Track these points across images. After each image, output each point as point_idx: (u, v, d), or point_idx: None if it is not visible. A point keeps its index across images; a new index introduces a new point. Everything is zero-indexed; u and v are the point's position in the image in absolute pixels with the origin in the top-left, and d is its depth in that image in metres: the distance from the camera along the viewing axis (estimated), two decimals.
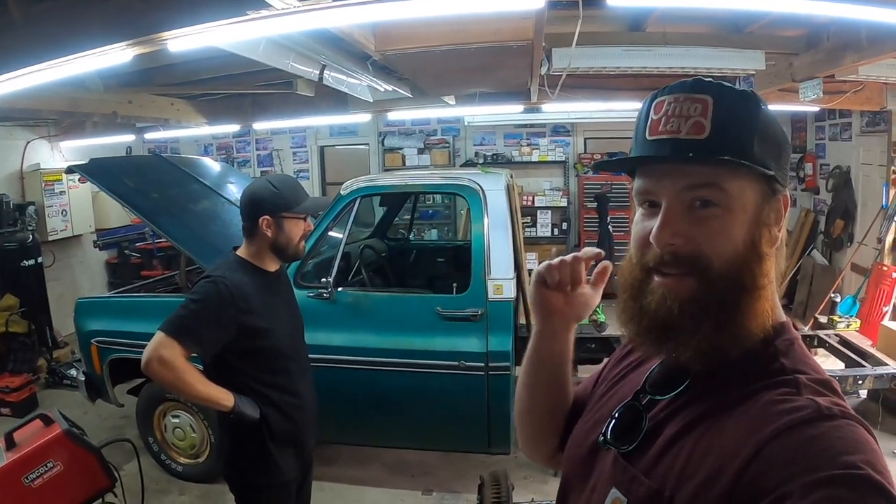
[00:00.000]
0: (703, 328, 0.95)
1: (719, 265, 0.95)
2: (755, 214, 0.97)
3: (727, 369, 0.97)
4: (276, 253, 2.72)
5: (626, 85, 6.35)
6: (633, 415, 1.06)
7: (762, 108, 1.00)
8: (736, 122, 0.97)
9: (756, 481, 0.81)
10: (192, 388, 2.49)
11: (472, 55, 3.57)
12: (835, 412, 0.85)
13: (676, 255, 0.97)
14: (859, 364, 5.15)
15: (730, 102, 0.98)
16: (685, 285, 0.97)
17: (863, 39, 4.03)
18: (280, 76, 5.40)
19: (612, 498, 1.01)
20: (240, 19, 2.33)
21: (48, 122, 8.24)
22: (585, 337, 5.76)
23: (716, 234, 0.96)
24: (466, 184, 4.41)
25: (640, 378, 1.12)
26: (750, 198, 0.97)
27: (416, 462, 5.06)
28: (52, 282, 8.10)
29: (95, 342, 4.75)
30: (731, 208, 0.96)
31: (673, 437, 0.97)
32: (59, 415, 3.28)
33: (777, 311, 1.02)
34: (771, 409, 0.87)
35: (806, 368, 0.94)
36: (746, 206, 0.97)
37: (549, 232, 10.30)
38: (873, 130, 7.09)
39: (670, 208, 0.98)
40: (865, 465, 0.77)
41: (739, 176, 0.96)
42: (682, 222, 0.97)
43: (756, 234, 0.97)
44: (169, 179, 5.66)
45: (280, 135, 11.03)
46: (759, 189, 0.98)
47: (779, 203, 1.00)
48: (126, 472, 3.74)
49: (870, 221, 6.91)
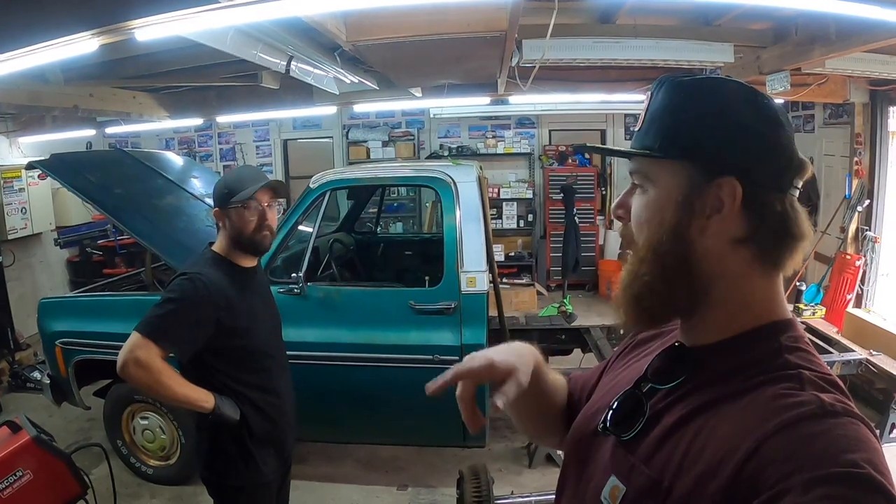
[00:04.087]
0: (644, 301, 1.01)
1: (640, 244, 1.03)
2: (682, 201, 0.98)
3: (728, 361, 0.97)
4: (236, 246, 2.65)
5: (592, 77, 6.38)
6: (633, 403, 1.06)
7: (713, 95, 1.00)
8: (664, 113, 1.02)
9: (756, 476, 0.80)
10: (169, 391, 2.43)
11: (444, 46, 3.53)
12: (838, 409, 0.84)
13: (623, 229, 1.09)
14: (826, 351, 5.25)
15: (666, 94, 1.03)
16: (630, 258, 1.05)
17: (831, 33, 4.08)
18: (245, 68, 5.33)
19: (612, 486, 1.01)
20: (210, 7, 2.27)
21: (6, 116, 8.03)
22: (555, 328, 5.78)
23: (639, 215, 1.04)
24: (438, 176, 4.39)
25: (643, 366, 1.11)
26: (674, 184, 0.99)
27: (389, 457, 5.05)
28: (13, 282, 7.92)
29: (60, 343, 4.64)
30: (654, 193, 1.02)
31: (673, 426, 0.96)
32: (27, 421, 3.18)
33: (778, 306, 1.01)
34: (773, 403, 0.86)
35: (810, 365, 0.93)
36: (671, 192, 1.00)
37: (514, 224, 10.32)
38: (836, 122, 7.20)
39: (628, 188, 1.09)
40: (866, 463, 0.76)
41: (664, 164, 1.00)
42: (628, 199, 1.08)
43: (682, 221, 0.98)
44: (132, 175, 5.54)
45: (243, 128, 10.87)
46: (686, 176, 0.98)
47: (716, 190, 0.96)
48: (95, 476, 3.66)
49: (833, 211, 7.02)
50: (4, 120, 8.26)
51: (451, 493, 3.68)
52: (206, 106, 7.28)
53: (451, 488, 3.65)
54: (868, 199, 6.48)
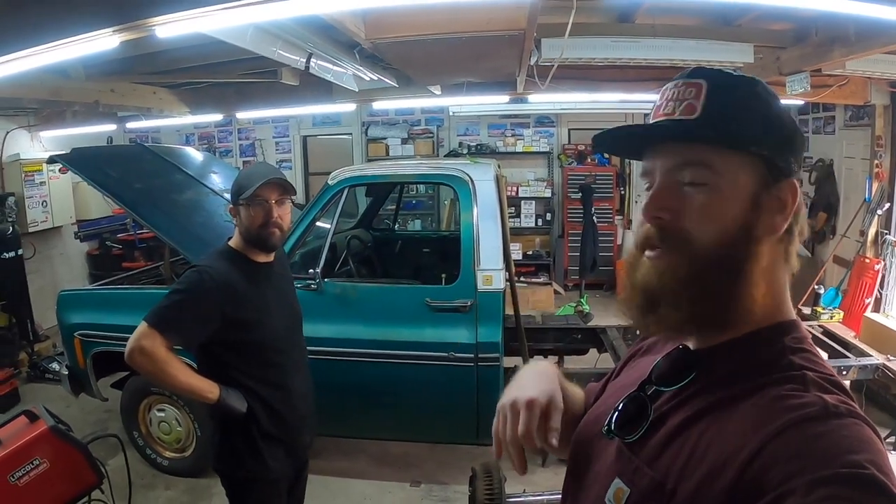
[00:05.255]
0: (683, 305, 0.97)
1: (703, 243, 0.96)
2: (751, 197, 0.96)
3: (733, 363, 0.97)
4: (247, 241, 2.67)
5: (611, 76, 6.35)
6: (637, 405, 1.06)
7: (763, 93, 1.00)
8: (729, 105, 0.98)
9: (760, 477, 0.80)
10: (173, 379, 2.49)
11: (463, 44, 3.54)
12: (842, 410, 0.84)
13: (663, 230, 0.99)
14: (843, 355, 5.18)
15: (725, 86, 0.99)
16: (669, 260, 0.98)
17: (851, 34, 4.05)
18: (264, 65, 5.36)
19: (616, 488, 1.00)
20: (230, 5, 2.29)
21: (28, 111, 8.11)
22: (571, 327, 5.78)
23: (701, 211, 0.97)
24: (456, 174, 4.39)
25: (647, 369, 1.11)
26: (744, 180, 0.96)
27: (402, 454, 5.06)
28: (33, 274, 7.98)
29: (78, 335, 4.69)
30: (720, 188, 0.96)
31: (677, 429, 0.96)
32: (45, 411, 3.21)
33: (784, 307, 1.01)
34: (777, 404, 0.86)
35: (815, 366, 0.93)
36: (739, 188, 0.96)
37: (533, 223, 10.33)
38: (857, 124, 7.15)
39: (661, 184, 1.01)
40: (870, 464, 0.76)
41: (732, 156, 0.96)
42: (670, 198, 0.99)
43: (751, 218, 0.96)
44: (152, 169, 5.59)
45: (262, 124, 10.94)
46: (757, 172, 0.97)
47: (782, 190, 0.97)
48: (111, 466, 3.69)
49: (852, 214, 6.96)
50: (26, 114, 8.34)
51: (463, 491, 3.68)
52: (225, 102, 7.33)
53: (464, 485, 3.65)
54: (888, 202, 6.41)
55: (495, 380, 4.12)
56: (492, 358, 4.12)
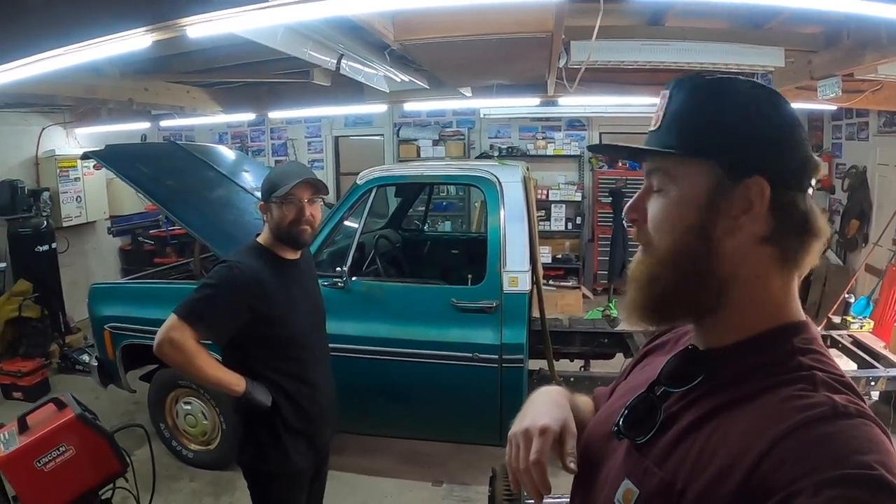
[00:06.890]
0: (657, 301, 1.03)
1: (660, 246, 1.02)
2: (707, 201, 0.98)
3: (742, 363, 0.97)
4: (277, 238, 2.72)
5: (641, 80, 6.32)
6: (647, 406, 1.06)
7: (733, 94, 1.01)
8: (687, 112, 1.02)
9: (768, 477, 0.80)
10: (201, 371, 2.53)
11: (491, 46, 3.55)
12: (851, 410, 0.84)
13: (638, 232, 1.07)
14: (872, 365, 5.12)
15: (687, 94, 1.03)
16: (642, 258, 1.06)
17: (882, 38, 3.99)
18: (296, 65, 5.40)
19: (625, 489, 1.01)
20: (261, 6, 2.32)
21: (63, 108, 8.25)
22: (598, 332, 5.76)
23: (658, 216, 1.03)
24: (483, 175, 4.40)
25: (656, 370, 1.11)
26: (699, 184, 0.99)
27: (426, 453, 5.06)
28: (66, 268, 8.14)
29: (109, 328, 4.77)
30: (673, 194, 1.01)
31: (686, 429, 0.97)
32: (73, 399, 3.26)
33: (789, 307, 1.01)
34: (786, 405, 0.86)
35: (824, 366, 0.93)
36: (693, 192, 0.99)
37: (562, 226, 10.30)
38: (891, 131, 7.04)
39: (641, 190, 1.08)
40: (879, 465, 0.76)
41: (687, 162, 1.00)
42: (640, 203, 1.07)
43: (707, 221, 0.98)
44: (184, 167, 5.68)
45: (295, 124, 11.04)
46: (712, 175, 0.98)
47: (749, 189, 0.96)
48: (137, 457, 3.74)
49: (885, 222, 6.85)
50: (62, 111, 8.51)
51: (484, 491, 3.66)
52: (258, 101, 7.40)
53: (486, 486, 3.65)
54: None
55: (519, 381, 4.12)
56: (516, 360, 4.12)
